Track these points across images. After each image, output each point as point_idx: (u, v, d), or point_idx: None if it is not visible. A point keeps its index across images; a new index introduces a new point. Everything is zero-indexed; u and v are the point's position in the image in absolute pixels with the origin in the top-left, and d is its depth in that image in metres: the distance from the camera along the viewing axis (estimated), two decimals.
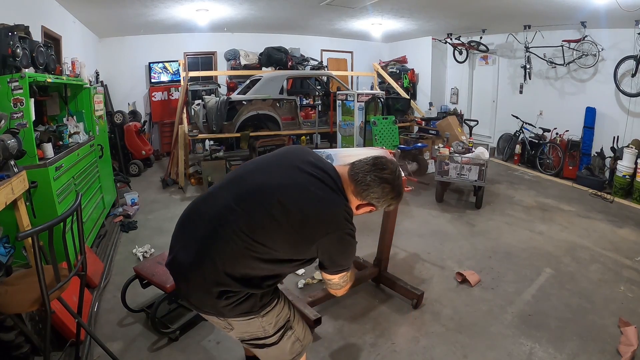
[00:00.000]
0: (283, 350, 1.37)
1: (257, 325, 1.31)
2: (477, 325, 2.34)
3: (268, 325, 1.32)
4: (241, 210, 1.21)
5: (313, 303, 2.33)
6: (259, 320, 1.30)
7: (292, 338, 1.39)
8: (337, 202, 1.26)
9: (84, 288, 1.85)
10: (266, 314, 1.31)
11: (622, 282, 2.83)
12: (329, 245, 1.25)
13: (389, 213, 2.54)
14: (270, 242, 1.20)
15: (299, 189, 1.23)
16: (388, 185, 1.28)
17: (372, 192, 1.28)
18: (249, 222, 1.19)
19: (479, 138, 7.47)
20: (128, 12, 5.31)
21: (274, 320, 1.33)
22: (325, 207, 1.23)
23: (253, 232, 1.19)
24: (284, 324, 1.37)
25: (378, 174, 1.28)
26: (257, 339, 1.34)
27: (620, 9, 4.15)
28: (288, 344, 1.38)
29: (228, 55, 7.78)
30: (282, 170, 1.29)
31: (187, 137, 5.45)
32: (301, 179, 1.25)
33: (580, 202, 4.70)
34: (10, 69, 2.46)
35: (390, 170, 1.29)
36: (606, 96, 5.59)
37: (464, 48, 7.44)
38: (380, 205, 1.33)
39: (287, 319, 1.38)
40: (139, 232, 3.80)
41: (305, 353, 1.47)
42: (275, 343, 1.35)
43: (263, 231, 1.19)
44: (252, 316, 1.28)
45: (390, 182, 1.28)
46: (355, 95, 5.86)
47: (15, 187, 1.93)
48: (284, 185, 1.24)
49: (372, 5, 5.23)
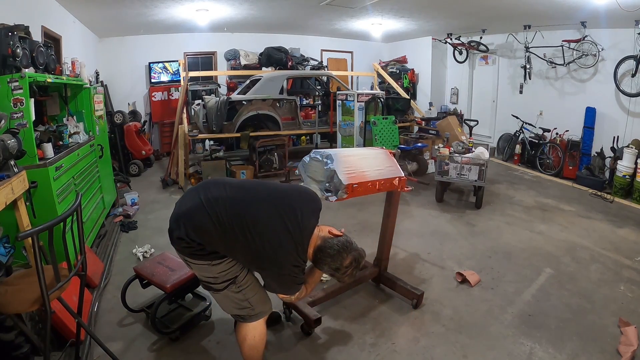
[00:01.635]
0: (227, 299, 1.67)
1: (208, 271, 1.62)
2: (477, 325, 2.34)
3: (218, 274, 1.62)
4: (227, 209, 1.56)
5: (313, 303, 2.33)
6: (209, 267, 1.61)
7: (238, 295, 1.65)
8: (290, 255, 1.57)
9: (84, 288, 1.85)
10: (216, 265, 1.61)
11: (622, 282, 2.84)
12: (269, 278, 1.63)
13: (389, 213, 2.54)
14: (231, 246, 1.58)
15: (270, 231, 1.56)
16: (337, 274, 1.66)
17: (323, 267, 1.66)
18: (226, 219, 1.55)
19: (479, 138, 7.47)
20: (128, 12, 5.31)
21: (222, 273, 1.62)
22: (279, 253, 1.55)
23: (226, 227, 1.55)
24: (230, 278, 1.64)
25: (332, 265, 1.64)
26: (208, 283, 1.66)
27: (620, 9, 4.15)
28: (231, 296, 1.66)
29: (228, 55, 7.78)
30: (269, 208, 1.60)
31: (187, 137, 5.45)
32: (277, 226, 1.57)
33: (580, 202, 4.70)
34: (10, 69, 2.45)
35: (339, 265, 1.64)
36: (606, 96, 5.59)
37: (464, 48, 7.43)
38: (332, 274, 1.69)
39: (235, 276, 1.64)
40: (139, 232, 3.80)
41: (261, 335, 1.73)
42: (219, 290, 1.65)
43: (232, 234, 1.54)
44: (205, 263, 1.61)
45: (337, 271, 1.65)
46: (355, 95, 5.86)
47: (15, 187, 1.93)
48: (261, 221, 1.57)
49: (372, 5, 5.23)
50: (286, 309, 2.39)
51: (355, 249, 1.68)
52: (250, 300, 1.67)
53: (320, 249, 1.63)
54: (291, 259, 1.56)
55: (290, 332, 2.28)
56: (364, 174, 2.13)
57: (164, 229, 3.65)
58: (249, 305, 1.67)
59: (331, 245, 1.63)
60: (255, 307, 1.68)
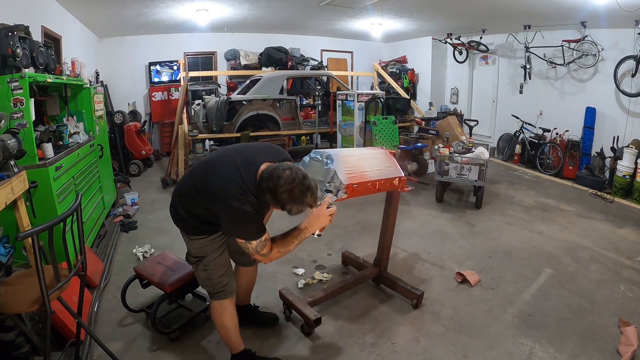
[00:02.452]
0: (196, 274, 1.88)
1: (188, 245, 1.86)
2: (477, 325, 2.34)
3: (192, 249, 1.85)
4: (200, 169, 1.77)
5: (313, 303, 2.33)
6: (189, 241, 1.84)
7: (203, 272, 1.83)
8: (233, 184, 1.58)
9: (84, 288, 1.85)
10: (192, 240, 1.82)
11: (622, 282, 2.83)
12: (225, 219, 1.64)
13: (389, 213, 2.54)
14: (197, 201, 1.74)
15: (220, 167, 1.67)
16: (269, 195, 1.56)
17: (264, 197, 1.59)
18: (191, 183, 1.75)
19: (479, 138, 7.47)
20: (128, 12, 5.31)
21: (195, 248, 1.83)
22: (222, 185, 1.60)
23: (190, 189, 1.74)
24: (200, 256, 1.82)
25: (265, 184, 1.56)
26: (187, 254, 1.90)
27: (620, 9, 4.15)
28: (199, 272, 1.85)
29: (228, 55, 7.78)
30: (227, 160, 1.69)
31: (187, 137, 5.45)
32: (227, 163, 1.67)
33: (580, 202, 4.70)
34: (10, 69, 2.45)
35: (275, 183, 1.53)
36: (606, 96, 5.59)
37: (464, 48, 7.44)
38: (280, 206, 1.59)
39: (204, 255, 1.81)
40: (139, 232, 3.79)
41: (229, 314, 1.86)
42: (192, 263, 1.88)
43: (200, 186, 1.70)
44: (186, 237, 1.84)
45: (272, 191, 1.54)
46: (355, 95, 5.86)
47: (15, 187, 1.93)
48: (217, 163, 1.70)
49: (372, 5, 5.23)
50: (286, 309, 2.39)
51: (299, 169, 1.59)
52: (213, 280, 1.83)
53: (261, 174, 1.60)
54: (237, 189, 1.56)
55: (290, 332, 2.28)
56: (364, 174, 2.13)
57: (164, 229, 3.71)
58: (211, 284, 1.83)
59: (265, 172, 1.59)
60: (215, 287, 1.83)
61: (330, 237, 3.62)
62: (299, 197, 1.54)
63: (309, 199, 1.57)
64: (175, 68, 7.45)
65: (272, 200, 1.56)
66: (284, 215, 1.64)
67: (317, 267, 3.08)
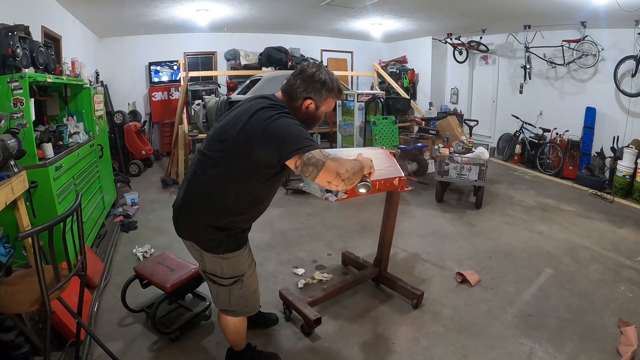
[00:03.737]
0: (229, 296, 1.64)
1: (215, 263, 1.58)
2: (477, 325, 2.34)
3: (227, 269, 1.58)
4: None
5: (313, 303, 2.33)
6: (220, 260, 1.56)
7: (239, 292, 1.64)
8: (258, 107, 1.42)
9: (84, 288, 1.85)
10: (227, 259, 1.56)
11: (622, 282, 2.83)
12: (266, 138, 1.34)
13: (389, 213, 2.54)
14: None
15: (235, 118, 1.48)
16: (309, 77, 1.49)
17: (299, 88, 1.49)
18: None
19: (479, 138, 7.47)
20: (128, 12, 5.31)
21: (232, 268, 1.59)
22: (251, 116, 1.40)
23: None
24: (238, 275, 1.61)
25: (300, 75, 1.51)
26: (214, 276, 1.61)
27: (620, 9, 4.15)
28: (235, 294, 1.63)
29: (228, 55, 7.78)
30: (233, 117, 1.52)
31: (187, 137, 5.45)
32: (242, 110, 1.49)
33: (580, 202, 4.70)
34: (10, 69, 2.45)
35: (309, 70, 1.51)
36: (606, 96, 5.59)
37: (464, 48, 7.43)
38: (318, 98, 1.51)
39: (242, 273, 1.62)
40: (139, 232, 3.80)
41: (244, 322, 1.78)
42: (223, 286, 1.62)
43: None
44: (217, 257, 1.56)
45: (310, 78, 1.49)
46: (355, 95, 5.86)
47: (15, 187, 1.93)
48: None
49: (372, 5, 5.23)
50: (286, 309, 2.39)
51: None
52: (247, 298, 1.68)
53: (284, 87, 1.54)
54: (271, 109, 1.41)
55: (290, 332, 2.28)
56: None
57: (164, 229, 3.71)
58: (244, 303, 1.68)
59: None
60: (248, 305, 1.71)
61: (330, 237, 3.62)
62: (331, 75, 1.52)
63: (334, 78, 1.54)
64: (175, 68, 7.45)
65: (315, 93, 1.49)
66: (284, 215, 1.63)
67: (317, 267, 3.08)
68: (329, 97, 1.53)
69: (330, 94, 1.52)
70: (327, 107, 1.57)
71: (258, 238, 3.54)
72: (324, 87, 1.50)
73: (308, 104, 1.51)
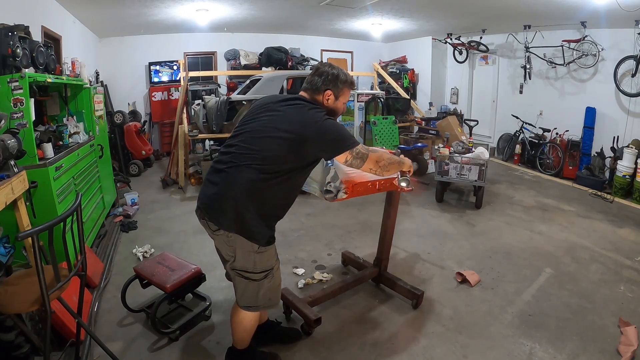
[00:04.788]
0: (258, 290, 1.67)
1: (251, 258, 1.61)
2: (477, 325, 2.34)
3: (259, 263, 1.62)
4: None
5: (313, 303, 2.33)
6: (255, 254, 1.60)
7: (268, 285, 1.68)
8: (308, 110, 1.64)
9: (84, 288, 1.85)
10: (261, 253, 1.61)
11: (622, 282, 2.84)
12: (322, 138, 1.58)
13: (389, 213, 2.54)
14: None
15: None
16: (324, 72, 1.72)
17: (320, 83, 1.71)
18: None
19: (479, 138, 7.47)
20: (128, 12, 5.31)
21: (264, 262, 1.64)
22: (302, 116, 1.61)
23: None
24: (269, 269, 1.66)
25: (317, 73, 1.73)
26: (245, 272, 1.63)
27: (620, 9, 4.15)
28: (264, 287, 1.67)
29: (228, 55, 7.78)
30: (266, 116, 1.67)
31: (187, 137, 5.44)
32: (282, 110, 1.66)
33: (580, 202, 4.70)
34: (10, 69, 2.45)
35: (323, 68, 1.74)
36: (606, 96, 5.59)
37: (464, 48, 7.44)
38: (336, 89, 1.73)
39: (272, 267, 1.68)
40: (139, 232, 3.79)
41: (257, 319, 1.82)
42: (256, 280, 1.65)
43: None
44: (254, 252, 1.60)
45: (332, 74, 1.72)
46: (355, 95, 5.86)
47: (15, 187, 1.93)
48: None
49: (372, 5, 5.23)
50: (286, 309, 2.39)
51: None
52: (273, 290, 1.72)
53: (305, 86, 1.75)
54: (316, 111, 1.63)
55: None
56: (364, 174, 2.13)
57: (164, 229, 3.71)
58: (270, 295, 1.71)
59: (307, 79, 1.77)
60: (272, 298, 1.74)
61: (330, 237, 3.62)
62: (342, 70, 1.76)
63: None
64: (175, 68, 7.45)
65: (333, 85, 1.71)
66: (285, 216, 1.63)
67: (317, 267, 3.08)
68: (345, 87, 1.76)
69: (345, 85, 1.76)
70: (345, 97, 1.80)
71: None
72: (339, 79, 1.73)
73: (329, 96, 1.72)
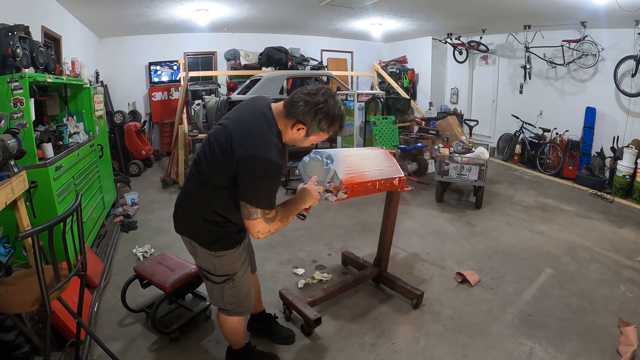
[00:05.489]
0: (221, 293, 1.67)
1: (209, 260, 1.61)
2: (477, 325, 2.34)
3: (219, 267, 1.61)
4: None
5: (313, 303, 2.33)
6: (213, 258, 1.59)
7: (231, 291, 1.66)
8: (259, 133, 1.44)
9: (84, 288, 1.85)
10: (219, 257, 1.59)
11: (622, 282, 2.84)
12: (243, 172, 1.40)
13: (389, 213, 2.54)
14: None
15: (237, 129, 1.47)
16: (317, 104, 1.42)
17: (299, 110, 1.42)
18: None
19: (479, 138, 7.47)
20: (128, 12, 5.31)
21: (224, 266, 1.62)
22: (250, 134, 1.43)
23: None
24: (230, 274, 1.63)
25: (308, 97, 1.43)
26: (207, 272, 1.65)
27: (620, 9, 4.15)
28: (226, 292, 1.66)
29: (228, 55, 7.78)
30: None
31: (187, 137, 5.45)
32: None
33: (580, 202, 4.70)
34: (10, 69, 2.45)
35: (322, 97, 1.43)
36: (606, 96, 5.59)
37: (464, 48, 7.44)
38: (313, 129, 1.45)
39: (234, 272, 1.64)
40: (139, 232, 3.79)
41: (241, 321, 1.81)
42: (216, 283, 1.65)
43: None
44: (209, 253, 1.58)
45: (316, 105, 1.42)
46: (355, 95, 5.86)
47: (15, 187, 1.93)
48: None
49: (372, 5, 5.23)
50: (286, 309, 2.39)
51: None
52: (240, 297, 1.71)
53: (287, 101, 1.47)
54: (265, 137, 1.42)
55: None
56: (364, 174, 2.13)
57: (164, 229, 3.71)
58: (237, 302, 1.71)
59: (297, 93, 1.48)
60: (242, 304, 1.73)
61: (330, 237, 3.62)
62: (337, 110, 1.44)
63: (343, 113, 1.48)
64: (175, 68, 7.45)
65: (307, 113, 1.42)
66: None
67: (317, 267, 3.08)
68: (324, 132, 1.48)
69: (328, 130, 1.48)
70: (318, 138, 1.54)
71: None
72: (323, 122, 1.44)
73: (299, 128, 1.46)
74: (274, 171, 1.41)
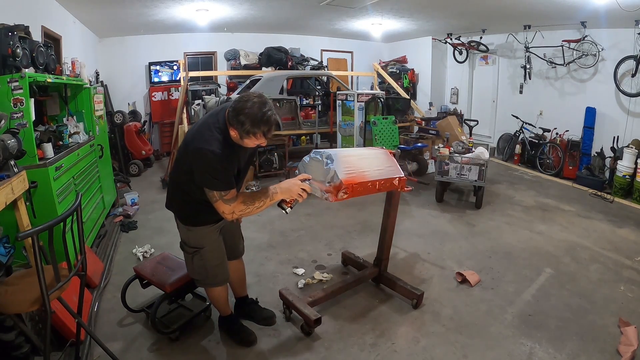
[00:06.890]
0: (191, 264, 1.97)
1: (183, 232, 1.94)
2: (477, 325, 2.34)
3: (190, 239, 1.92)
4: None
5: (313, 303, 2.33)
6: (185, 230, 1.91)
7: (199, 262, 1.93)
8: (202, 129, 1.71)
9: (84, 288, 1.85)
10: (191, 230, 1.89)
11: (622, 282, 2.84)
12: (194, 163, 1.67)
13: (389, 213, 2.54)
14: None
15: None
16: (235, 111, 1.59)
17: (230, 114, 1.62)
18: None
19: (479, 138, 7.47)
20: (128, 12, 5.31)
21: (194, 239, 1.91)
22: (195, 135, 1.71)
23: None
24: (198, 247, 1.90)
25: (236, 103, 1.61)
26: (183, 243, 1.98)
27: (620, 9, 4.15)
28: (195, 263, 1.94)
29: (228, 55, 7.78)
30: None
31: None
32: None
33: (580, 202, 4.70)
34: (10, 69, 2.45)
35: (246, 100, 1.59)
36: (606, 96, 5.59)
37: (464, 48, 7.44)
38: (241, 131, 1.60)
39: (202, 246, 1.90)
40: (139, 232, 3.79)
41: (221, 291, 2.06)
42: (188, 253, 1.95)
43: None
44: (183, 226, 1.92)
45: (239, 110, 1.57)
46: (355, 95, 5.86)
47: (15, 187, 1.93)
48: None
49: (372, 5, 5.23)
50: (286, 309, 2.39)
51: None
52: (208, 270, 1.95)
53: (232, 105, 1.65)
54: (206, 131, 1.67)
55: (290, 332, 2.28)
56: (364, 174, 2.13)
57: (164, 229, 3.71)
58: (205, 274, 1.96)
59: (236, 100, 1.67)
60: (209, 276, 1.97)
61: (330, 237, 3.62)
62: (260, 114, 1.55)
63: (270, 117, 1.58)
64: (175, 68, 7.45)
65: (238, 125, 1.58)
66: (283, 215, 1.63)
67: (317, 267, 3.08)
68: (252, 136, 1.60)
69: (254, 132, 1.59)
70: (255, 141, 1.64)
71: (258, 238, 3.54)
72: (247, 124, 1.57)
73: (232, 130, 1.64)
74: (215, 159, 1.61)
